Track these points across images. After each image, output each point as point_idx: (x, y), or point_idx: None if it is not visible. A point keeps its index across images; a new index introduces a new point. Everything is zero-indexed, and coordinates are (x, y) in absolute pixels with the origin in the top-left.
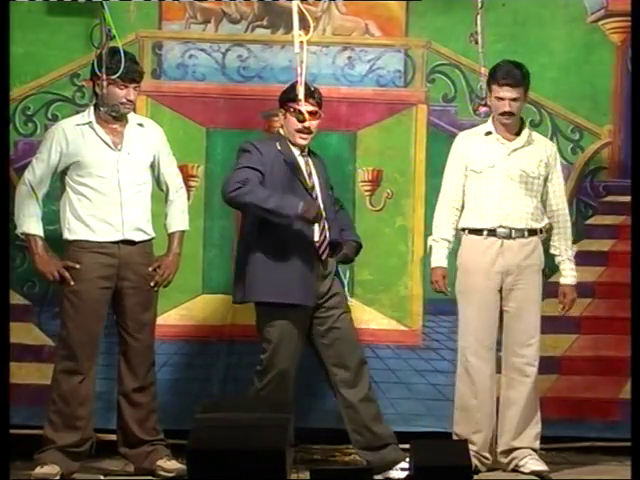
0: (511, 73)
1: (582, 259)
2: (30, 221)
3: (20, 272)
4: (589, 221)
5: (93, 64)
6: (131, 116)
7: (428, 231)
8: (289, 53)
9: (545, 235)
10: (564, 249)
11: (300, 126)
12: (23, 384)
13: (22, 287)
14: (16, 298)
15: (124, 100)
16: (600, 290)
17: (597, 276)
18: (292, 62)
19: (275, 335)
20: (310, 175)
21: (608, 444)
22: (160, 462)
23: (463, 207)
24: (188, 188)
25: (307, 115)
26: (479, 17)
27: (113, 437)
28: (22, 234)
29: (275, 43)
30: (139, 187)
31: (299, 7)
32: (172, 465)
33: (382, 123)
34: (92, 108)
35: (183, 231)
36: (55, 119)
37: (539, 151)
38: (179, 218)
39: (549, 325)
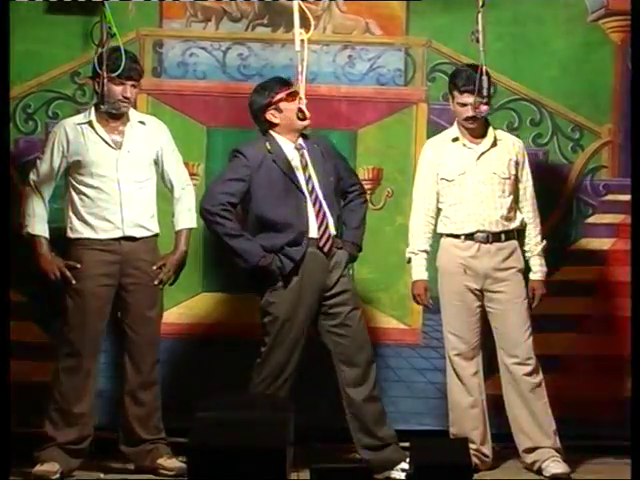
0: (471, 79)
1: (582, 258)
2: (35, 222)
3: (20, 271)
4: (589, 220)
5: (94, 62)
6: (132, 114)
7: None
8: (290, 52)
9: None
10: (533, 245)
11: (299, 113)
12: (23, 383)
13: (22, 285)
14: (16, 296)
15: (121, 97)
16: (600, 290)
17: (597, 275)
18: (293, 60)
19: (275, 328)
20: (305, 168)
21: (608, 444)
22: (161, 460)
23: (438, 214)
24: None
25: (307, 114)
26: (480, 16)
27: (113, 435)
28: (27, 234)
29: (276, 42)
30: (140, 184)
31: (300, 5)
32: (173, 463)
33: (382, 122)
34: (93, 107)
35: (190, 229)
36: (56, 117)
37: (507, 150)
38: (186, 216)
39: (549, 325)
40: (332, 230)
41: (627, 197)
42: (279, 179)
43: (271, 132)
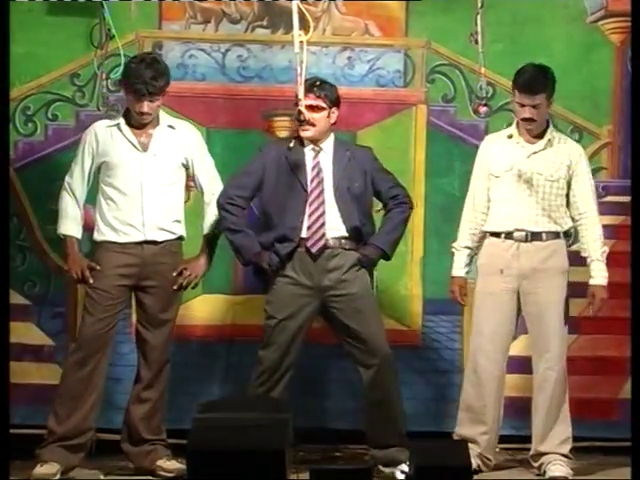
0: (534, 80)
1: (582, 259)
2: (67, 222)
3: (20, 272)
4: None
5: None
6: (163, 118)
7: (428, 231)
8: (289, 53)
9: (571, 238)
10: (592, 250)
11: (302, 119)
12: (23, 383)
13: (22, 287)
14: (16, 298)
15: (138, 111)
16: None
17: None
18: (292, 62)
19: (269, 327)
20: (315, 168)
21: (608, 444)
22: (160, 462)
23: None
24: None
25: (305, 113)
26: (479, 17)
27: (114, 436)
28: (60, 234)
29: (275, 43)
30: (165, 188)
31: (299, 7)
32: (172, 465)
33: (382, 123)
34: (124, 110)
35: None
36: (55, 119)
37: (561, 154)
38: (214, 221)
39: None
40: (331, 231)
41: (627, 198)
42: (286, 175)
43: None
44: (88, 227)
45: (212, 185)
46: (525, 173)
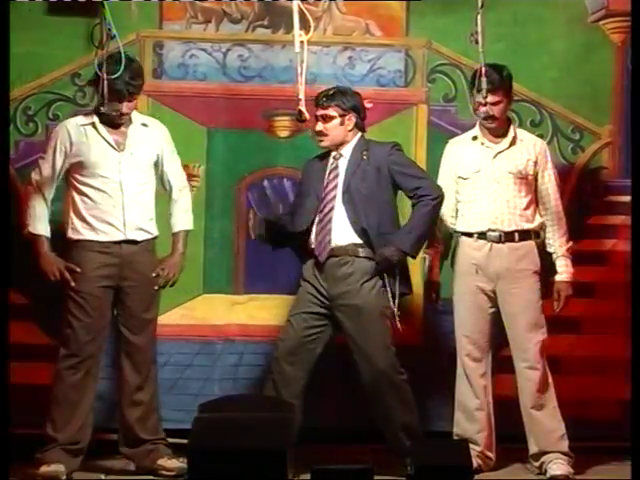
0: (489, 78)
1: (582, 259)
2: (36, 221)
3: (20, 272)
4: (589, 221)
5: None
6: (135, 116)
7: None
8: (290, 53)
9: (541, 237)
10: (558, 246)
11: (315, 130)
12: (23, 384)
13: (22, 287)
14: (16, 298)
15: (117, 112)
16: (600, 290)
17: (597, 276)
18: (293, 62)
19: (281, 331)
20: (331, 173)
21: (608, 444)
22: (161, 461)
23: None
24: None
25: (306, 115)
26: (479, 17)
27: (114, 436)
28: (28, 233)
29: (276, 43)
30: (142, 187)
31: (300, 7)
32: (173, 464)
33: (382, 123)
34: (95, 108)
35: (187, 230)
36: (56, 119)
37: (527, 150)
38: (183, 217)
39: (549, 326)
40: (339, 238)
41: (627, 198)
42: (307, 185)
43: None
44: None
45: (179, 182)
46: (493, 173)
